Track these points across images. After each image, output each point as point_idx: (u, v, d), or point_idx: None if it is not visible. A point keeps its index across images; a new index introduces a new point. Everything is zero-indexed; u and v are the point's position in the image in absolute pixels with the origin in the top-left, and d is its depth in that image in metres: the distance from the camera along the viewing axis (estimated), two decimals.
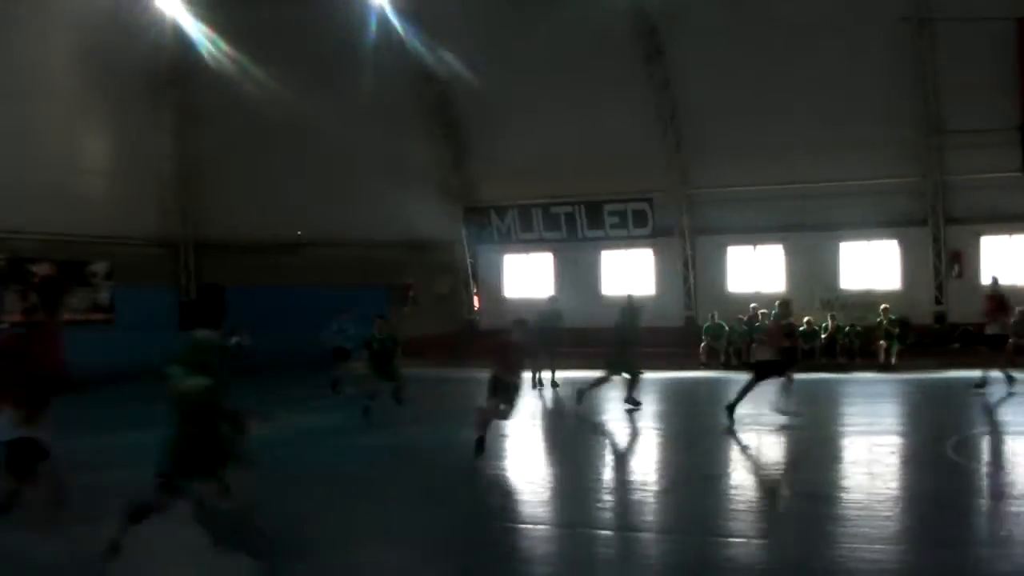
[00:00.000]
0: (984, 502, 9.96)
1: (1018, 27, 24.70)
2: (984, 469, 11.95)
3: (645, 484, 11.32)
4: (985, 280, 26.44)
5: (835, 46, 25.35)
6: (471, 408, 14.31)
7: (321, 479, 11.75)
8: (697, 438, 14.86)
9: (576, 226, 30.35)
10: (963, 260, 26.98)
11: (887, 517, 9.00)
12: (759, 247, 29.06)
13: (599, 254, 30.89)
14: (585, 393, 17.65)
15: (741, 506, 9.89)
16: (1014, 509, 9.22)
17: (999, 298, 19.58)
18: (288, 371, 24.81)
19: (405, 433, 15.67)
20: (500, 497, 10.94)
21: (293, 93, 26.91)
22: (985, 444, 13.85)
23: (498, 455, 13.10)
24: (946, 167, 26.52)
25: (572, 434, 16.34)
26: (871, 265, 27.51)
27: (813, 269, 28.04)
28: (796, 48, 25.58)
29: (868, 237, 27.79)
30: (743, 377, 16.15)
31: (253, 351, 21.56)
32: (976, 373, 18.89)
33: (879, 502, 9.51)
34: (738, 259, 29.38)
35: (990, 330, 19.13)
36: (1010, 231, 26.51)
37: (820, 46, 25.35)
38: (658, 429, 16.47)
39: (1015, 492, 10.03)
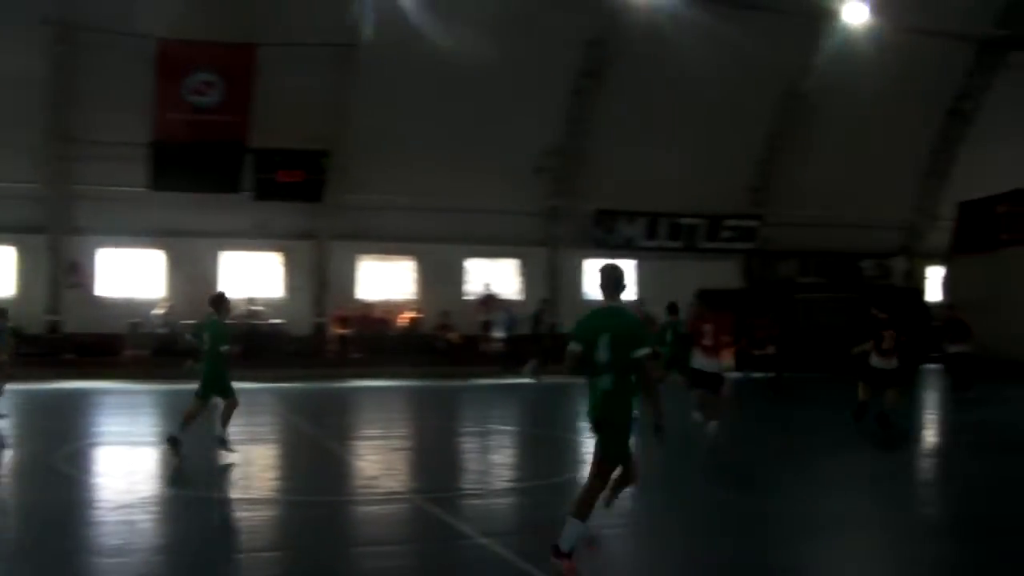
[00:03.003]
0: (95, 512, 9.86)
1: (158, 47, 25.55)
2: (95, 480, 11.97)
3: None
4: (104, 292, 27.02)
5: None
6: None
7: None
8: None
9: None
10: (82, 270, 27.02)
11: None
12: None
13: None
14: None
15: None
16: (127, 518, 9.22)
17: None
18: None
19: None
20: None
21: None
22: (97, 455, 13.96)
23: None
24: (72, 177, 26.34)
25: None
26: None
27: None
28: None
29: None
30: None
31: None
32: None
33: None
34: None
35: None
36: (132, 244, 27.29)
37: None
38: None
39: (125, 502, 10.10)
